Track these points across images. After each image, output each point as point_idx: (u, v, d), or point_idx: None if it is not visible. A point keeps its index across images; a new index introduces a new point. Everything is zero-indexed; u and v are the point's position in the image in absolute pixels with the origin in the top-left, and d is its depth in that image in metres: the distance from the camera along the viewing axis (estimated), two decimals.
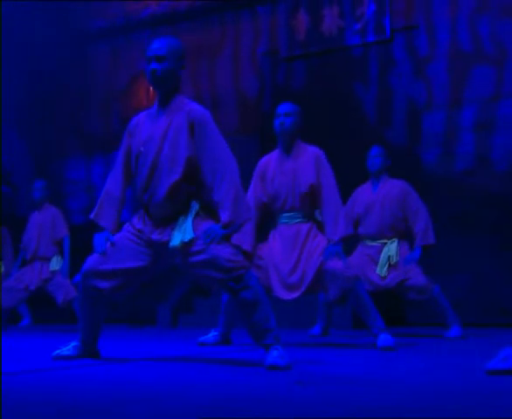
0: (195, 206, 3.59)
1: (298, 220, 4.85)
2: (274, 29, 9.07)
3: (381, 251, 5.86)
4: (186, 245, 3.49)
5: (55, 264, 7.37)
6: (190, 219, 3.54)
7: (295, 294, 4.75)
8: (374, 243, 5.93)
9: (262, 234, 5.01)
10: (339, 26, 8.62)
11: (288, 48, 8.92)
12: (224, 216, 3.49)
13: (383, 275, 5.79)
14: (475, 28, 7.84)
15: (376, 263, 5.86)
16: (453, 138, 7.86)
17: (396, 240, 5.88)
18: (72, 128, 10.23)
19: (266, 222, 5.06)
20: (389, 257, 5.81)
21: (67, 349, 3.83)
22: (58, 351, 3.83)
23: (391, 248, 5.82)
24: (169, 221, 3.61)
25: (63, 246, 7.41)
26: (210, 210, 3.60)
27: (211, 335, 5.11)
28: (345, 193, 5.99)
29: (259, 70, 9.14)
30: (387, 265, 5.80)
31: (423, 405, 2.31)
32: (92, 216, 3.81)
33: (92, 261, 3.69)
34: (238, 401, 2.43)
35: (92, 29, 10.33)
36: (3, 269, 8.18)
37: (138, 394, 2.59)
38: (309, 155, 4.90)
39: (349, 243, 5.64)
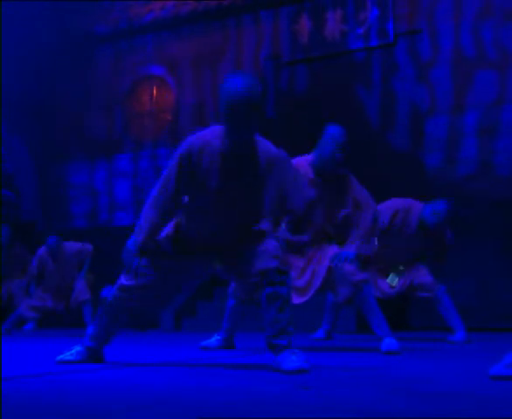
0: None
1: None
2: (277, 33, 9.08)
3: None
4: None
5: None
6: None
7: (304, 298, 4.76)
8: None
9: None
10: (342, 30, 8.63)
11: (291, 52, 8.94)
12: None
13: (394, 285, 5.80)
14: (478, 33, 7.85)
15: (386, 274, 5.86)
16: (456, 143, 7.87)
17: None
18: (74, 132, 10.25)
19: None
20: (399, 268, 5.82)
21: (71, 354, 3.83)
22: (61, 355, 3.83)
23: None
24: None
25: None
26: None
27: (214, 339, 5.10)
28: None
29: (261, 74, 9.15)
30: (397, 278, 5.81)
31: (426, 409, 2.31)
32: (140, 244, 3.67)
33: (127, 278, 3.70)
34: (240, 405, 2.43)
35: (95, 33, 10.36)
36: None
37: (141, 399, 2.59)
38: (345, 182, 4.83)
39: None
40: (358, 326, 6.91)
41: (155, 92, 9.81)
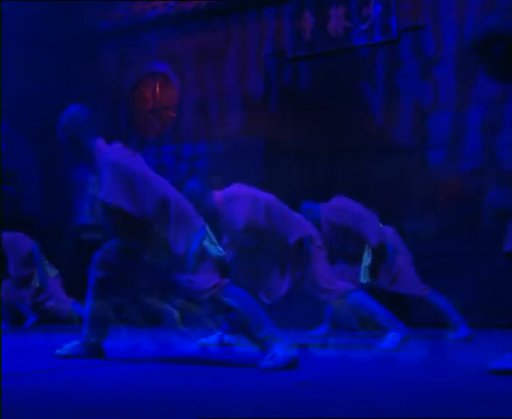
0: None
1: None
2: (280, 30, 9.06)
3: None
4: None
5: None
6: None
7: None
8: None
9: None
10: (345, 27, 8.60)
11: (294, 49, 8.91)
12: None
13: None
14: None
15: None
16: (460, 139, 7.83)
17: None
18: None
19: None
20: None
21: (72, 348, 3.82)
22: (61, 351, 3.82)
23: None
24: None
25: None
26: None
27: (214, 336, 5.10)
28: (352, 193, 5.97)
29: (264, 70, 9.13)
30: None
31: (426, 406, 2.29)
32: None
33: None
34: (239, 402, 2.42)
35: (99, 30, 10.35)
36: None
37: (141, 395, 2.59)
38: None
39: None
40: (360, 323, 6.88)
41: (158, 88, 9.80)
